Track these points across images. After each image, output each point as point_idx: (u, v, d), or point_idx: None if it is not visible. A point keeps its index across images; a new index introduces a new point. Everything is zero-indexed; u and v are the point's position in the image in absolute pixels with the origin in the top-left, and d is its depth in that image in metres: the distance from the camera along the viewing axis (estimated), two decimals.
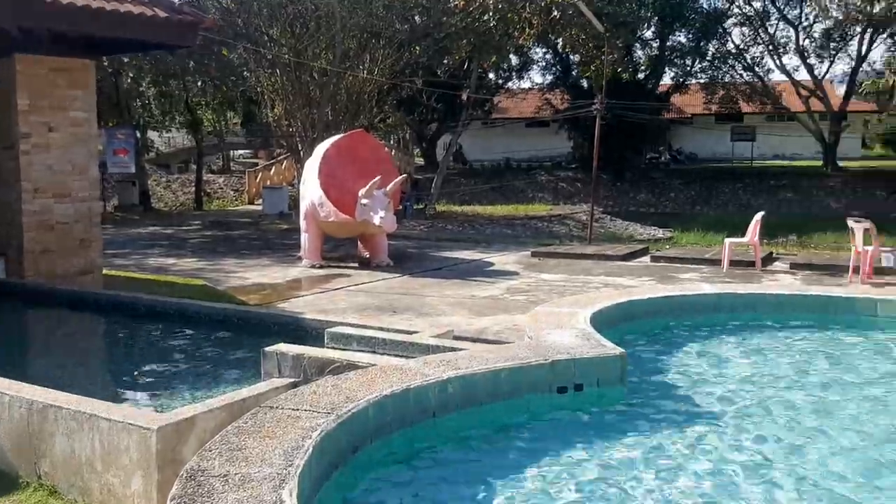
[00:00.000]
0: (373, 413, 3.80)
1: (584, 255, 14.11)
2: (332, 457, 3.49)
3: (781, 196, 26.57)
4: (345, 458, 3.61)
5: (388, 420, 3.91)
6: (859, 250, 11.29)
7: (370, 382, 4.06)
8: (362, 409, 3.74)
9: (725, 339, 6.83)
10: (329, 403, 3.76)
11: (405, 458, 4.00)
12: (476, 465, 4.06)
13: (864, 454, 4.39)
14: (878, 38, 30.51)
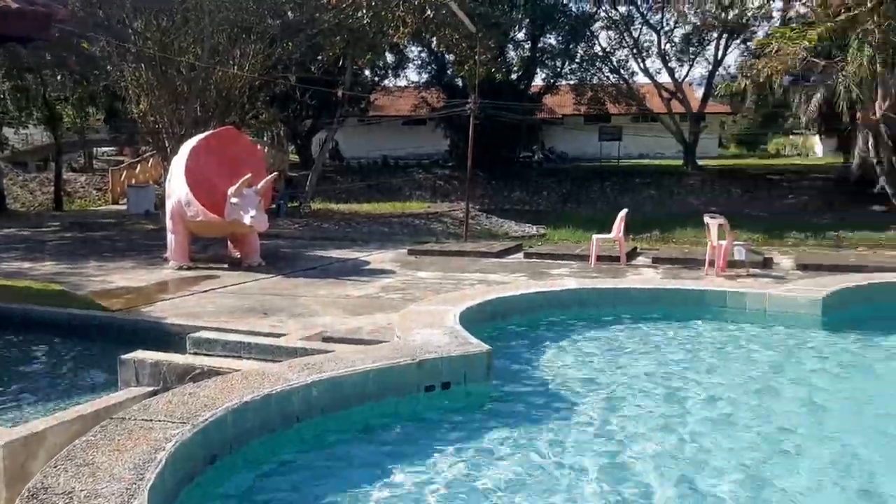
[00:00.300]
0: (232, 421, 3.69)
1: (460, 253, 14.24)
2: (188, 468, 3.36)
3: (646, 194, 27.76)
4: (202, 469, 3.48)
5: (248, 427, 3.80)
6: (714, 245, 11.91)
7: (230, 389, 3.94)
8: (220, 417, 3.62)
9: (588, 332, 7.06)
10: (185, 412, 3.62)
11: (266, 465, 3.90)
12: (341, 469, 4.01)
13: (715, 439, 4.63)
14: (732, 44, 32.40)
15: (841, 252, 15.39)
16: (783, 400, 5.41)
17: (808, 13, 18.15)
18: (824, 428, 4.90)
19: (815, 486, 4.04)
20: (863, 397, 5.58)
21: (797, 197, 26.12)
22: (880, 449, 4.57)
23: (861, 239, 18.40)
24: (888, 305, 7.77)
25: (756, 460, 4.32)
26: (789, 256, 13.98)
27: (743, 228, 18.60)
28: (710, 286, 8.39)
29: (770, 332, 7.19)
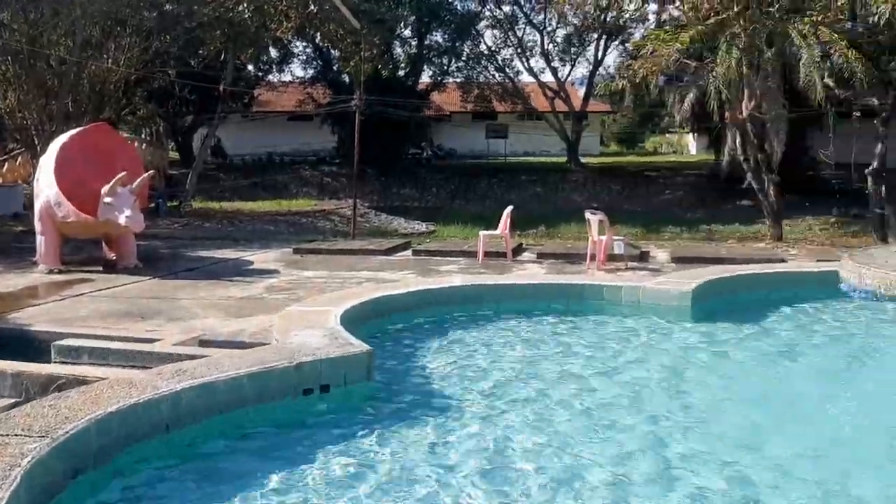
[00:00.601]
0: (95, 432, 3.51)
1: (348, 251, 14.11)
2: (46, 485, 3.18)
3: (532, 190, 28.32)
4: (63, 485, 3.30)
5: (114, 439, 3.63)
6: (595, 240, 12.28)
7: (95, 399, 3.75)
8: (83, 429, 3.44)
9: (472, 329, 7.13)
10: (44, 426, 3.42)
11: (134, 477, 3.74)
12: (214, 477, 3.89)
13: (592, 431, 4.76)
14: (611, 45, 33.48)
15: (712, 245, 16.18)
16: (655, 389, 5.62)
17: (680, 16, 18.93)
18: (690, 414, 5.12)
19: (680, 469, 4.21)
20: (726, 383, 5.85)
21: (673, 193, 27.25)
22: (742, 433, 4.82)
23: (731, 232, 19.42)
24: (753, 295, 8.23)
25: (631, 447, 4.48)
26: (665, 250, 14.57)
27: (622, 223, 19.26)
28: (589, 280, 8.63)
29: (643, 323, 7.46)
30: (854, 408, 5.07)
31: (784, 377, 6.04)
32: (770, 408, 5.31)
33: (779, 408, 5.30)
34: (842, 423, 4.89)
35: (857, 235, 17.98)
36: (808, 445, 4.60)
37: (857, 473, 4.17)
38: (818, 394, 5.55)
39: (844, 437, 4.69)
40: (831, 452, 4.54)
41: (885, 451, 4.45)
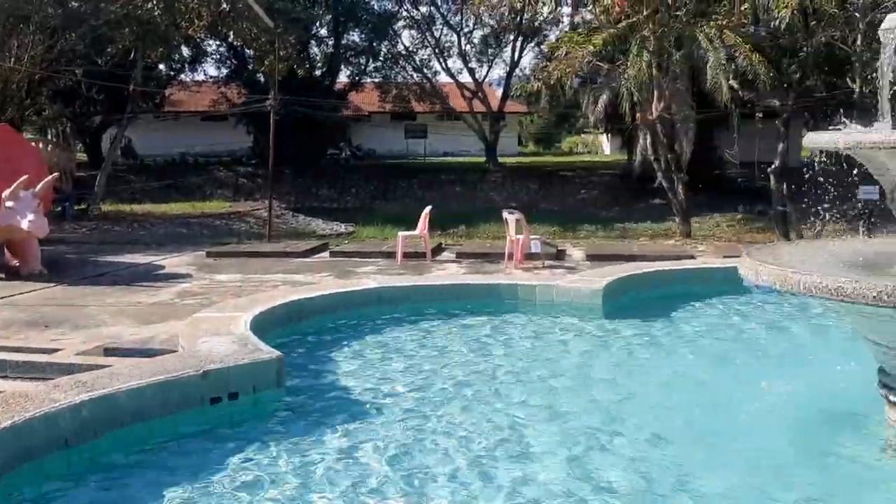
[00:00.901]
0: None
1: (263, 254, 13.88)
2: None
3: (451, 190, 28.43)
4: None
5: (9, 455, 3.46)
6: (513, 239, 12.42)
7: None
8: None
9: (386, 331, 7.10)
10: None
11: (30, 494, 3.58)
12: (117, 492, 3.76)
13: (500, 429, 4.81)
14: (527, 46, 33.91)
15: (626, 243, 16.58)
16: (565, 386, 5.71)
17: (592, 19, 19.33)
18: (598, 408, 5.23)
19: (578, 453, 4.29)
20: (634, 377, 5.99)
21: (588, 192, 27.80)
22: (650, 422, 4.95)
23: (644, 230, 19.92)
24: (661, 291, 8.48)
25: (540, 445, 4.54)
26: (581, 248, 14.84)
27: (540, 222, 19.52)
28: (504, 280, 8.72)
29: (557, 321, 7.58)
30: (749, 394, 5.29)
31: (688, 369, 6.24)
32: (674, 397, 5.47)
33: (683, 397, 5.46)
34: (741, 410, 5.08)
35: (762, 231, 18.70)
36: (712, 431, 4.77)
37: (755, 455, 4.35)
38: (716, 384, 5.74)
39: (742, 423, 4.88)
40: (736, 437, 4.71)
41: (788, 433, 4.65)
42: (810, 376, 5.55)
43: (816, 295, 3.87)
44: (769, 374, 5.60)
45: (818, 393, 5.27)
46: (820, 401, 5.17)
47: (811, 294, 3.90)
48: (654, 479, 4.11)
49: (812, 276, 3.86)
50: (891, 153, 4.03)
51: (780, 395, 5.11)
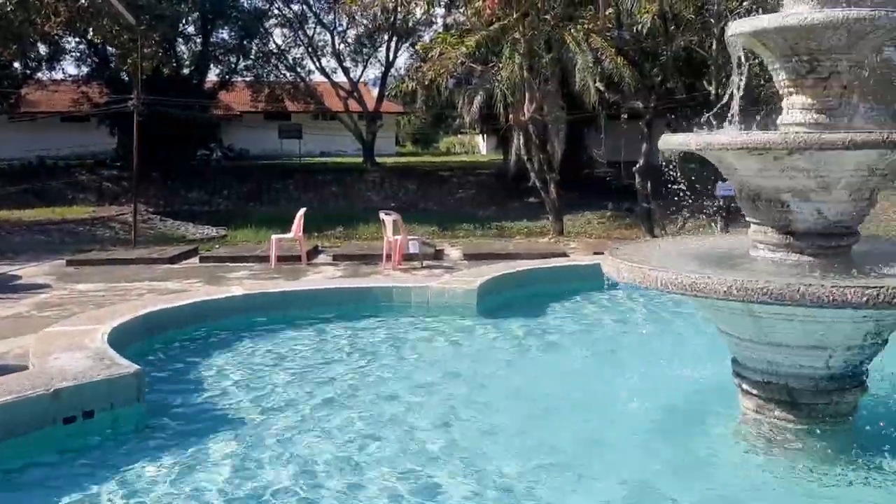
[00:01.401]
0: None
1: (128, 261, 13.28)
2: None
3: (328, 191, 28.09)
4: None
5: None
6: (390, 240, 12.40)
7: None
8: None
9: (255, 340, 6.91)
10: None
11: None
12: None
13: (384, 437, 4.77)
14: (402, 46, 33.92)
15: (502, 241, 16.86)
16: (440, 387, 5.74)
17: (465, 21, 19.53)
18: (473, 407, 5.28)
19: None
20: (508, 374, 6.11)
21: (466, 192, 28.09)
22: (521, 418, 5.04)
23: (519, 228, 20.31)
24: (535, 289, 8.67)
25: (415, 448, 4.54)
26: (458, 247, 15.00)
27: (419, 222, 19.58)
28: (379, 283, 8.66)
29: (432, 322, 7.60)
30: (614, 386, 5.47)
31: (554, 364, 6.40)
32: (539, 391, 5.61)
33: (547, 391, 5.61)
34: (603, 401, 5.25)
35: (629, 228, 19.44)
36: (571, 423, 4.93)
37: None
38: (581, 377, 5.97)
39: (604, 413, 5.04)
40: (596, 427, 4.88)
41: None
42: (674, 367, 5.78)
43: (673, 291, 4.02)
44: (635, 367, 5.81)
45: (680, 384, 5.49)
46: (682, 391, 5.39)
47: (668, 290, 4.05)
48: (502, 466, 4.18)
49: (669, 273, 4.01)
50: (737, 154, 4.24)
51: (642, 388, 5.30)
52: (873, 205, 4.39)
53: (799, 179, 4.17)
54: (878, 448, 4.31)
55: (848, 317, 3.98)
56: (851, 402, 4.46)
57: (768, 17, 4.36)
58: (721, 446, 4.62)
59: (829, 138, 3.90)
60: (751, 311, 4.12)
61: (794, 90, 4.45)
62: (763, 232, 4.50)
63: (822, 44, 4.24)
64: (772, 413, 4.45)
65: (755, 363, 4.47)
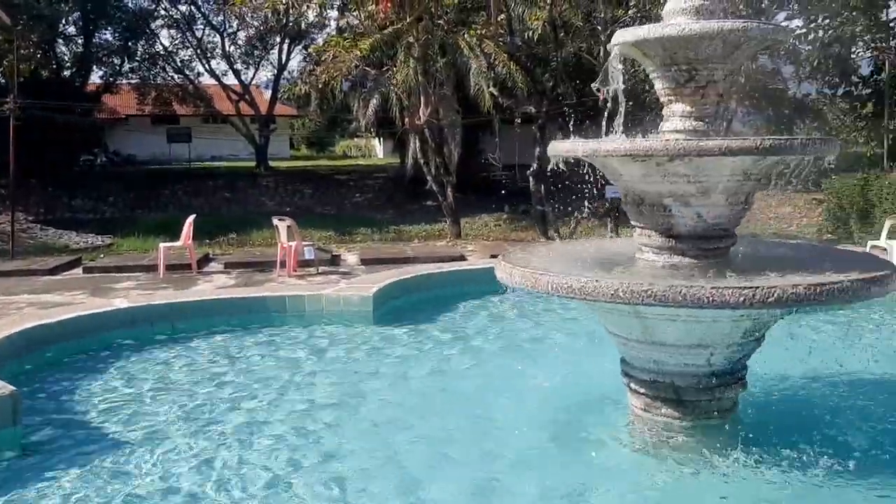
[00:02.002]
0: None
1: (5, 273, 12.57)
2: None
3: (220, 196, 27.36)
4: None
5: None
6: (285, 246, 12.18)
7: None
8: None
9: (140, 355, 6.66)
10: None
11: None
12: None
13: (263, 456, 4.67)
14: (295, 49, 33.39)
15: (400, 245, 16.84)
16: (333, 398, 5.66)
17: (358, 24, 19.42)
18: (362, 424, 5.24)
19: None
20: (402, 384, 6.06)
21: (363, 195, 27.92)
22: (401, 423, 5.03)
23: (418, 232, 20.32)
24: (431, 294, 8.69)
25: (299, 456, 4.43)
26: (356, 253, 14.88)
27: (316, 227, 19.34)
28: (270, 292, 8.47)
29: (327, 330, 7.48)
30: (507, 389, 5.53)
31: (449, 368, 6.43)
32: (432, 398, 5.63)
33: (440, 397, 5.65)
34: (497, 404, 5.30)
35: (525, 230, 19.75)
36: (461, 427, 4.95)
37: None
38: (470, 381, 6.02)
39: (497, 417, 5.08)
40: (488, 431, 4.91)
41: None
42: (568, 368, 5.90)
43: (563, 295, 4.09)
44: (529, 370, 5.89)
45: (574, 384, 5.61)
46: (576, 391, 5.51)
47: (559, 294, 4.12)
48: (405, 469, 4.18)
49: (558, 277, 4.08)
50: (622, 161, 4.36)
51: (536, 389, 5.39)
52: (749, 208, 4.59)
53: (680, 185, 4.32)
54: (759, 441, 4.51)
55: (727, 316, 4.15)
56: (733, 397, 4.66)
57: (648, 27, 4.50)
58: (611, 445, 4.74)
59: (707, 145, 4.06)
60: (637, 312, 4.24)
61: (674, 98, 4.62)
62: (648, 235, 4.64)
63: (699, 54, 4.41)
64: (659, 411, 4.60)
65: (642, 363, 4.61)
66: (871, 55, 18.48)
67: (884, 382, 5.80)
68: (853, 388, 5.53)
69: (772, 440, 4.51)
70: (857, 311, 7.74)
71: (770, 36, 4.39)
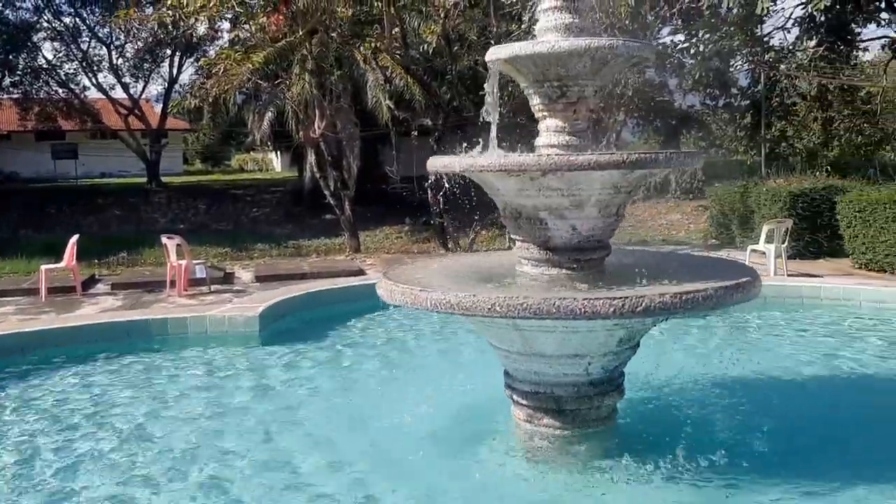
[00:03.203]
0: None
1: None
2: None
3: (110, 214, 26.35)
4: None
5: None
6: (174, 265, 11.80)
7: None
8: None
9: (8, 387, 6.27)
10: None
11: None
12: None
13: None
14: (186, 62, 32.53)
15: (297, 261, 16.58)
16: (207, 428, 5.48)
17: (248, 37, 19.08)
18: (252, 448, 5.11)
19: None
20: (283, 409, 5.88)
21: (261, 210, 27.42)
22: (300, 448, 4.93)
23: (318, 246, 20.07)
24: (324, 311, 8.55)
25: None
26: (250, 270, 14.56)
27: (211, 244, 18.86)
28: (152, 315, 8.17)
29: (210, 354, 7.22)
30: (392, 407, 5.51)
31: (332, 387, 6.33)
32: (313, 418, 5.54)
33: (321, 418, 5.55)
34: (378, 424, 5.26)
35: (426, 242, 19.80)
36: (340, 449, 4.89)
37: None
38: (357, 401, 5.93)
39: (378, 435, 5.04)
40: (367, 450, 4.88)
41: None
42: (454, 382, 5.90)
43: (443, 311, 4.10)
44: (418, 386, 5.88)
45: (462, 397, 5.63)
46: (459, 405, 5.52)
47: (438, 310, 4.12)
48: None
49: (437, 293, 4.09)
50: (498, 176, 4.40)
51: (421, 405, 5.38)
52: (621, 219, 4.72)
53: (554, 198, 4.40)
54: (638, 447, 4.63)
55: (601, 326, 4.25)
56: (611, 405, 4.77)
57: (521, 44, 4.57)
58: (494, 456, 4.77)
59: (577, 160, 4.14)
60: (516, 325, 4.28)
61: (547, 114, 4.71)
62: (527, 248, 4.70)
63: (569, 70, 4.52)
64: (541, 421, 4.66)
65: (524, 374, 4.66)
66: (748, 68, 19.39)
67: (749, 381, 6.05)
68: (722, 389, 5.76)
69: (649, 446, 4.64)
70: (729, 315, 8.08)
71: (636, 53, 4.52)
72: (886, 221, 11.51)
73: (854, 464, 4.65)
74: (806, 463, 4.66)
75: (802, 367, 6.62)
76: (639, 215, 20.70)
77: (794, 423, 5.24)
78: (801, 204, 13.34)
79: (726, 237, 15.77)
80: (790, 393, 5.98)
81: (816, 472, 4.53)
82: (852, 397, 5.97)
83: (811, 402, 5.87)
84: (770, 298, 8.17)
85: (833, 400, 5.93)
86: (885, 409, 5.64)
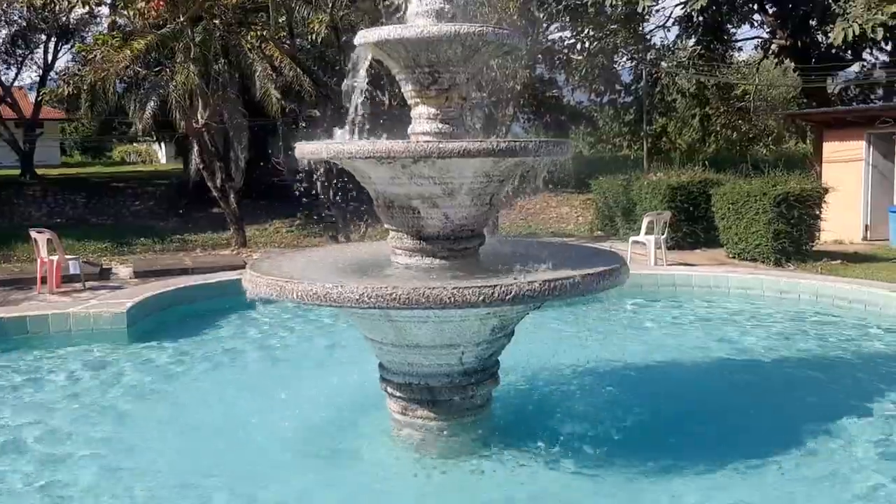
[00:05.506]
0: None
1: None
2: None
3: None
4: None
5: None
6: (45, 261, 11.18)
7: None
8: None
9: None
10: None
11: None
12: None
13: None
14: (63, 48, 30.88)
15: (179, 255, 15.99)
16: (67, 430, 5.18)
17: (127, 24, 18.27)
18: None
19: None
20: (155, 408, 5.67)
21: (144, 203, 26.32)
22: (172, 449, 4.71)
23: (204, 240, 19.41)
24: (199, 306, 8.23)
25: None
26: (129, 265, 13.95)
27: (91, 238, 17.97)
28: (7, 314, 7.62)
29: (72, 354, 6.80)
30: (265, 403, 5.34)
31: (206, 385, 6.10)
32: (182, 417, 5.35)
33: (191, 416, 5.37)
34: (250, 419, 5.10)
35: (319, 235, 19.45)
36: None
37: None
38: (232, 398, 5.75)
39: (250, 431, 4.88)
40: (243, 447, 4.73)
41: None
42: (327, 375, 5.78)
43: (310, 302, 3.97)
44: (292, 381, 5.72)
45: (332, 392, 5.51)
46: (334, 399, 5.40)
47: (305, 302, 3.99)
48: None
49: (303, 285, 3.95)
50: (369, 163, 4.29)
51: (295, 401, 5.24)
52: (494, 209, 4.70)
53: (426, 186, 4.33)
54: (513, 437, 4.63)
55: (474, 315, 4.20)
56: (486, 394, 4.75)
57: (391, 27, 4.47)
58: (370, 451, 4.68)
59: (447, 147, 4.08)
60: (388, 316, 4.19)
61: (419, 100, 4.63)
62: (400, 238, 4.62)
63: (440, 56, 4.45)
64: (416, 413, 4.59)
65: (398, 366, 4.58)
66: (631, 65, 20.01)
67: (618, 367, 6.19)
68: (593, 375, 5.85)
69: (526, 435, 4.64)
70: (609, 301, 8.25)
71: (507, 41, 4.51)
72: (757, 213, 12.06)
73: (719, 435, 4.86)
74: (673, 437, 4.81)
75: (671, 351, 6.84)
76: (529, 209, 21.00)
77: (660, 404, 5.38)
78: (679, 197, 13.83)
79: (611, 229, 16.18)
80: (657, 376, 6.16)
81: (677, 447, 4.68)
82: (720, 375, 6.22)
83: (679, 383, 6.06)
84: (645, 286, 8.41)
85: (698, 379, 6.17)
86: (742, 384, 5.95)
